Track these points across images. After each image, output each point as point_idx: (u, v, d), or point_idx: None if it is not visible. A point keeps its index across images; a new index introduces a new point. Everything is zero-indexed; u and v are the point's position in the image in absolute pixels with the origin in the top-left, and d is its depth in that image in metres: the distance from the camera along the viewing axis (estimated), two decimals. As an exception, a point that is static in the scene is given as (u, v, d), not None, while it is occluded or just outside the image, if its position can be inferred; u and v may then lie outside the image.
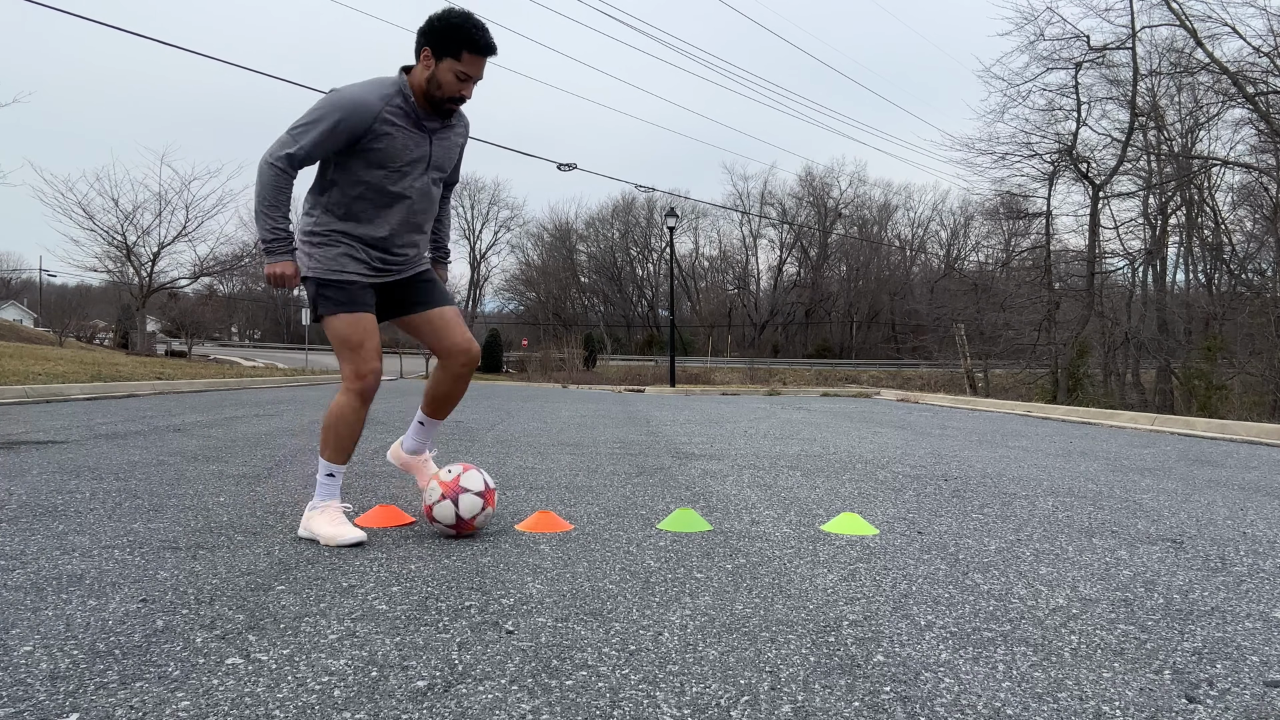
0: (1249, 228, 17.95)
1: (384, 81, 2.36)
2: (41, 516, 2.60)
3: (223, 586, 1.88)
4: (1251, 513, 3.27)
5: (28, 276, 63.00)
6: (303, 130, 2.29)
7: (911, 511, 3.10)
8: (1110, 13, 16.68)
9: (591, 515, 2.88)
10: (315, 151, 2.31)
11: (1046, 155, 18.53)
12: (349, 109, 2.28)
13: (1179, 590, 2.06)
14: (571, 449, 5.06)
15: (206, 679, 1.36)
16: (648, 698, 1.33)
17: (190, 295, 36.70)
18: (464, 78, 2.34)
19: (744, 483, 3.77)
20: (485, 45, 2.34)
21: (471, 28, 2.31)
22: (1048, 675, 1.46)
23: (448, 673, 1.41)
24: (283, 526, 2.55)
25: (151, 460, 3.97)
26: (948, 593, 1.98)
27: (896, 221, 54.94)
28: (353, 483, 3.44)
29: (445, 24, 2.30)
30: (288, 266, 2.34)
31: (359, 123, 2.30)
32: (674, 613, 1.78)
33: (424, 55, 2.33)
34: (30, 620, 1.62)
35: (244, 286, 60.20)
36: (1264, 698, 1.39)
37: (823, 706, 1.31)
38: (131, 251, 24.12)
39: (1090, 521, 2.98)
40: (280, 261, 2.33)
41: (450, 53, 2.30)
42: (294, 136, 2.29)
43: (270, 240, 2.31)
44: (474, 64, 2.34)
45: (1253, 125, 15.66)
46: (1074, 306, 18.42)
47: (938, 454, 5.28)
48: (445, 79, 2.33)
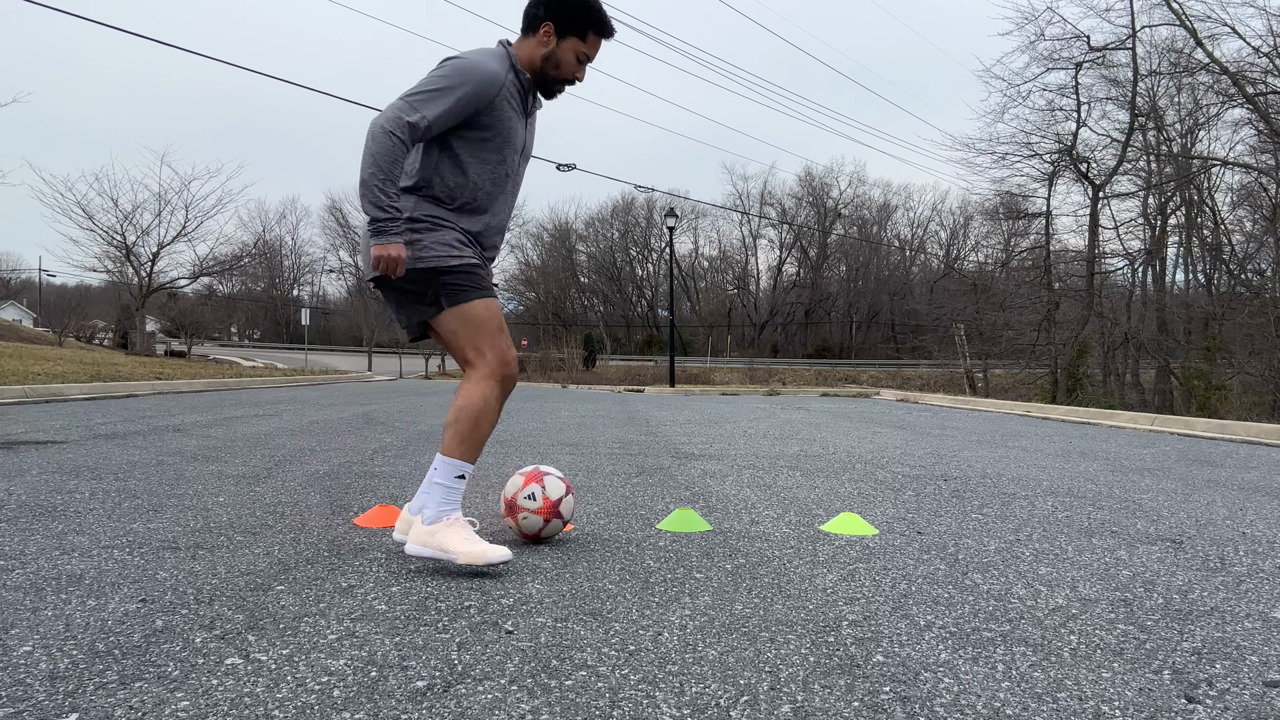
0: (1248, 228, 17.95)
1: (496, 53, 2.15)
2: (41, 516, 2.60)
3: (222, 586, 1.88)
4: (1251, 513, 3.27)
5: (27, 276, 63.06)
6: (426, 99, 2.03)
7: (911, 511, 3.10)
8: (1110, 13, 16.71)
9: (591, 515, 2.88)
10: (437, 124, 2.05)
11: (1046, 155, 18.54)
12: (480, 79, 2.07)
13: (1178, 590, 2.07)
14: (571, 449, 5.06)
15: (206, 679, 1.36)
16: (647, 698, 1.33)
17: (190, 295, 36.73)
18: (584, 59, 2.19)
19: (743, 483, 3.77)
20: (612, 28, 2.20)
21: (602, 9, 2.17)
22: (1047, 675, 1.46)
23: (447, 673, 1.41)
24: (282, 527, 2.55)
25: (151, 460, 3.97)
26: (947, 593, 1.98)
27: (896, 221, 54.94)
28: (352, 483, 3.44)
29: (579, 2, 2.14)
30: (401, 250, 2.04)
31: (486, 95, 2.08)
32: (673, 613, 1.78)
33: (544, 30, 2.14)
34: (30, 620, 1.62)
35: (243, 286, 60.28)
36: (1263, 698, 1.39)
37: (822, 706, 1.31)
38: (131, 251, 24.12)
39: (1090, 521, 2.98)
40: (392, 243, 2.02)
41: (575, 31, 2.15)
42: (415, 104, 2.02)
43: (383, 219, 2.01)
44: (595, 46, 2.20)
45: (1252, 125, 15.67)
46: (1074, 306, 18.42)
47: (937, 454, 5.28)
48: (565, 58, 2.17)
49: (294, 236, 66.28)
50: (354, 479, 3.55)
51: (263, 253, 51.72)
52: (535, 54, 2.17)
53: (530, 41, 2.18)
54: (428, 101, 2.03)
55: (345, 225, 61.67)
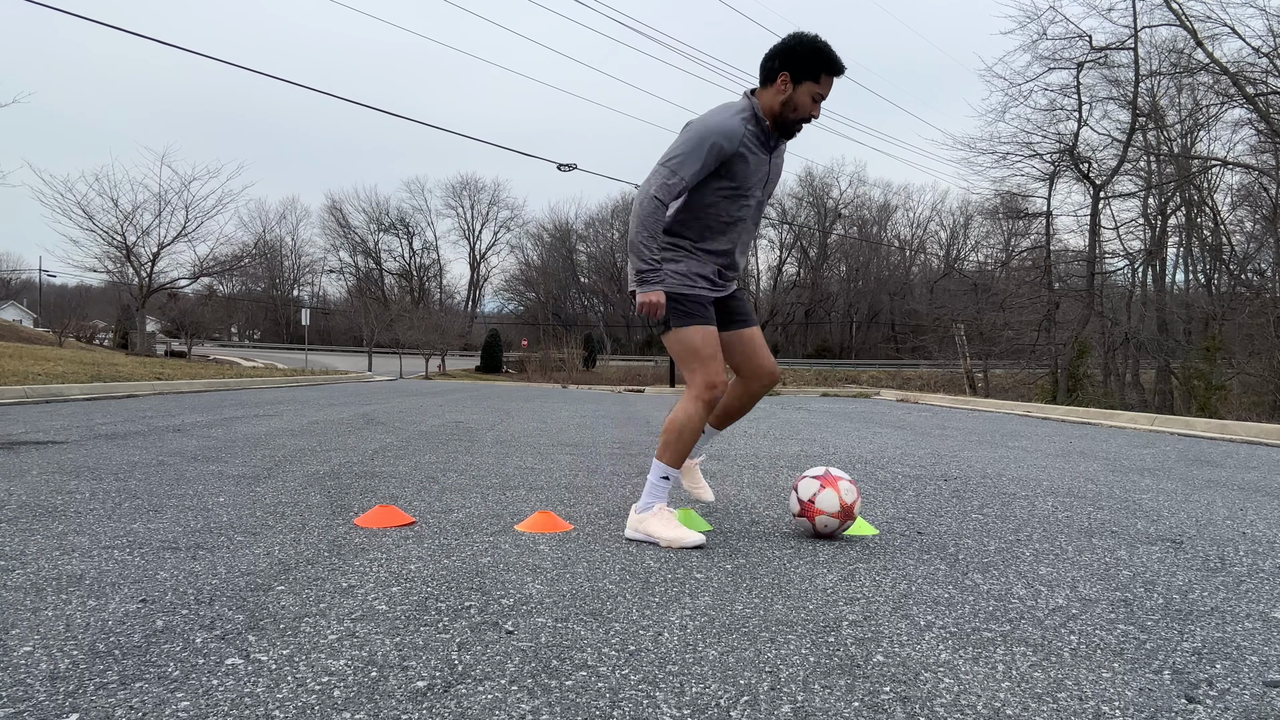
0: (1248, 228, 17.96)
1: (737, 106, 2.45)
2: (41, 517, 2.60)
3: (222, 587, 1.88)
4: (1251, 513, 3.27)
5: (27, 277, 63.09)
6: (680, 162, 2.38)
7: (911, 511, 3.10)
8: (1113, 12, 16.72)
9: (591, 515, 2.88)
10: (690, 180, 2.41)
11: (1047, 155, 18.55)
12: (722, 135, 2.38)
13: (1178, 590, 2.07)
14: (571, 449, 5.06)
15: (206, 679, 1.36)
16: (647, 698, 1.33)
17: (190, 295, 36.70)
18: (818, 99, 2.43)
19: (744, 483, 3.77)
20: (843, 67, 2.43)
21: (831, 51, 2.40)
22: (1047, 675, 1.46)
23: (447, 673, 1.41)
24: (282, 527, 2.55)
25: (151, 460, 3.97)
26: (947, 593, 1.98)
27: (896, 221, 54.98)
28: (353, 483, 3.44)
29: (810, 49, 2.37)
30: (661, 296, 2.43)
31: (728, 150, 2.40)
32: (674, 613, 1.78)
33: (781, 79, 2.39)
34: (30, 620, 1.62)
35: (244, 287, 60.27)
36: (1263, 698, 1.39)
37: (822, 706, 1.31)
38: (131, 252, 24.10)
39: (1090, 521, 2.98)
40: (654, 291, 2.42)
41: (810, 76, 2.38)
42: (673, 169, 2.38)
43: (646, 270, 2.40)
44: (828, 85, 2.42)
45: (1252, 125, 15.67)
46: (1074, 307, 18.43)
47: (937, 454, 5.28)
48: (802, 100, 2.40)
49: (294, 237, 66.37)
50: (354, 479, 3.55)
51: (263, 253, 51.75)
52: (774, 101, 2.42)
53: (770, 91, 2.43)
54: (682, 164, 2.38)
55: (345, 226, 61.83)
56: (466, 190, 62.51)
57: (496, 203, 63.77)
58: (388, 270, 63.31)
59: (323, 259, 65.78)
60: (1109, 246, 19.27)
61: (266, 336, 63.18)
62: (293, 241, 65.84)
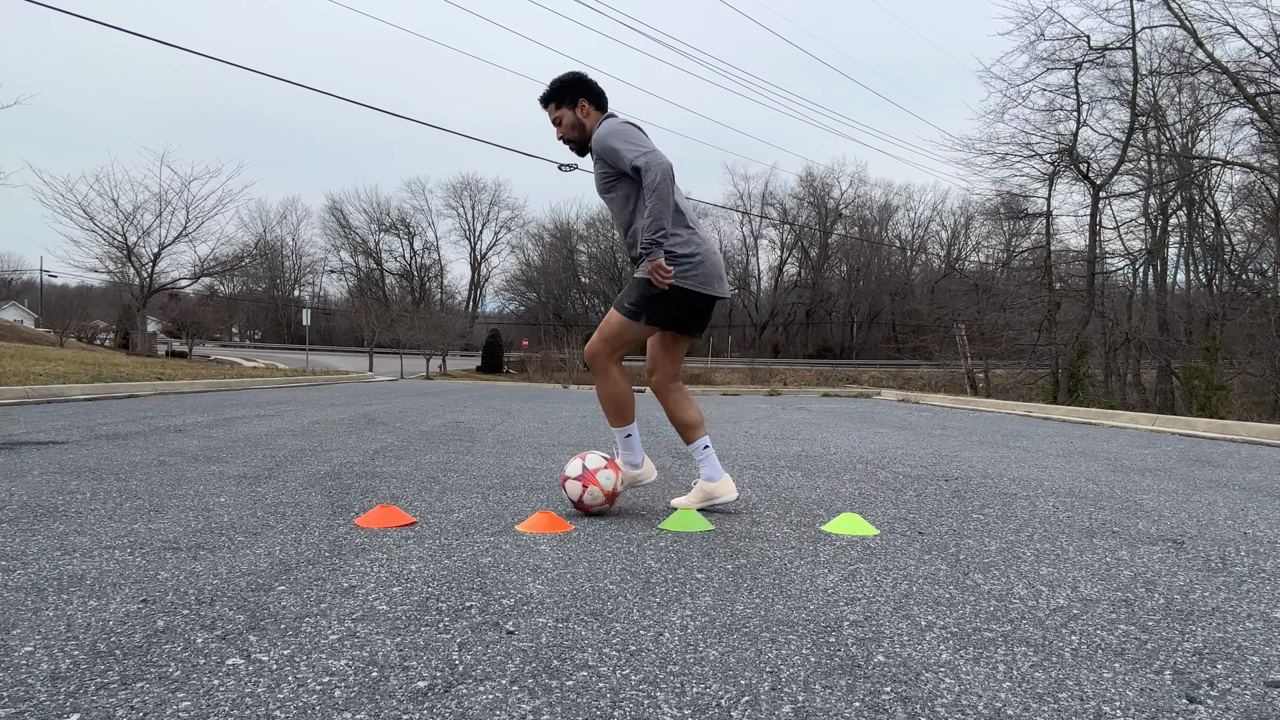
0: (1249, 228, 17.95)
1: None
2: (42, 517, 2.60)
3: (223, 587, 1.88)
4: (1252, 513, 3.27)
5: (28, 277, 63.13)
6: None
7: (912, 512, 3.10)
8: (1111, 13, 16.69)
9: (592, 515, 2.88)
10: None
11: (1047, 155, 18.54)
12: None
13: (1180, 590, 2.06)
14: (572, 449, 5.06)
15: (207, 679, 1.36)
16: (648, 698, 1.33)
17: (191, 296, 36.67)
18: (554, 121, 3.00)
19: (744, 483, 3.77)
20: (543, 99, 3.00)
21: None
22: (1048, 675, 1.46)
23: (448, 673, 1.41)
24: (283, 527, 2.55)
25: (152, 461, 3.97)
26: (948, 593, 1.98)
27: (897, 222, 54.97)
28: (354, 483, 3.44)
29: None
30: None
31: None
32: (674, 613, 1.78)
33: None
34: (31, 621, 1.62)
35: (244, 287, 60.29)
36: (1265, 698, 1.39)
37: (823, 707, 1.31)
38: (132, 252, 24.10)
39: (1091, 522, 2.98)
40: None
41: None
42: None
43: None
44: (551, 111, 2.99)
45: (1253, 125, 15.67)
46: (1074, 307, 18.42)
47: (938, 454, 5.28)
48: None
49: (295, 237, 66.40)
50: (355, 479, 3.55)
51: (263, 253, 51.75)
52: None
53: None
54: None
55: (346, 226, 61.82)
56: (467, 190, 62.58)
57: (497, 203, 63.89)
58: (388, 270, 63.34)
59: (323, 259, 65.85)
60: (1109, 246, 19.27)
61: (267, 337, 63.19)
62: (293, 242, 65.91)
